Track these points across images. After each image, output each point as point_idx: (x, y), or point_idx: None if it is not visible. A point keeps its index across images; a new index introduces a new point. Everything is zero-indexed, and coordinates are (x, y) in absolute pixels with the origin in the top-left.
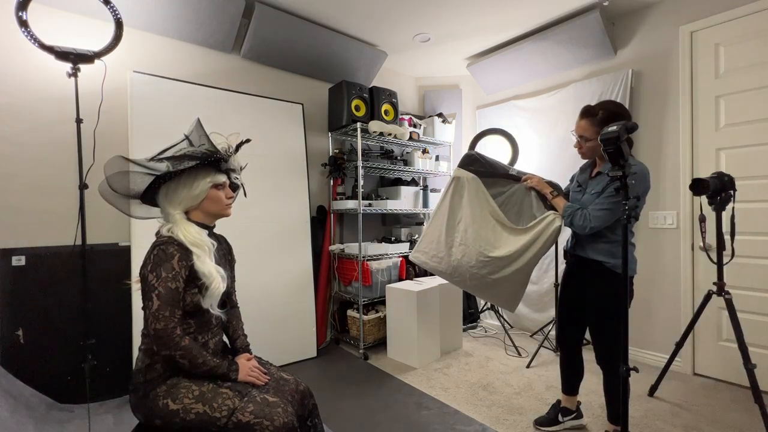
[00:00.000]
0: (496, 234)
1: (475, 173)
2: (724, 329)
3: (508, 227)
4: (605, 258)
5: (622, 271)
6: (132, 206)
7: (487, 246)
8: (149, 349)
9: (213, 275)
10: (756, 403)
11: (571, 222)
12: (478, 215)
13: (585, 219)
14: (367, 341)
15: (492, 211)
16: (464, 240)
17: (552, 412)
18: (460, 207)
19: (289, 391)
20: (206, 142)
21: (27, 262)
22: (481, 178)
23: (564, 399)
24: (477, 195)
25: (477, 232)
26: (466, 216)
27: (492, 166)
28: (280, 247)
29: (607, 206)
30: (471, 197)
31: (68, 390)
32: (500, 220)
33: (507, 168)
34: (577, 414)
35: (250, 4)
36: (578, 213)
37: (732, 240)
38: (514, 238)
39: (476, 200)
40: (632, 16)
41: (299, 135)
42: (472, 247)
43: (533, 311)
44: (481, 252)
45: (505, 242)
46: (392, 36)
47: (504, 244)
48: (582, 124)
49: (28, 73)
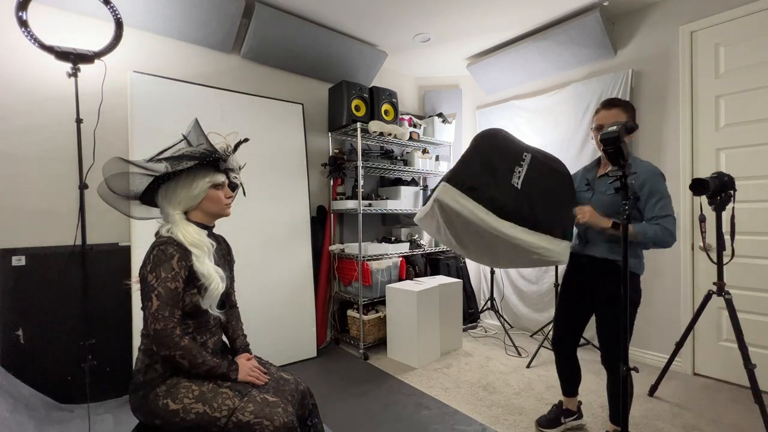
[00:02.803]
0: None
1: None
2: (724, 329)
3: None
4: (615, 256)
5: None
6: (131, 207)
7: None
8: (149, 350)
9: (212, 276)
10: (756, 403)
11: (654, 242)
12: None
13: (664, 231)
14: (367, 341)
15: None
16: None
17: (554, 414)
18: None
19: (289, 391)
20: (204, 141)
21: (27, 262)
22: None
23: (565, 401)
24: (469, 227)
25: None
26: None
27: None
28: (280, 247)
29: (669, 208)
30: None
31: (68, 390)
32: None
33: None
34: (578, 414)
35: (250, 4)
36: (654, 229)
37: (732, 240)
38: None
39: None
40: (632, 16)
41: (299, 135)
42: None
43: (533, 311)
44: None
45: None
46: (392, 36)
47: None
48: (614, 112)
49: (28, 73)
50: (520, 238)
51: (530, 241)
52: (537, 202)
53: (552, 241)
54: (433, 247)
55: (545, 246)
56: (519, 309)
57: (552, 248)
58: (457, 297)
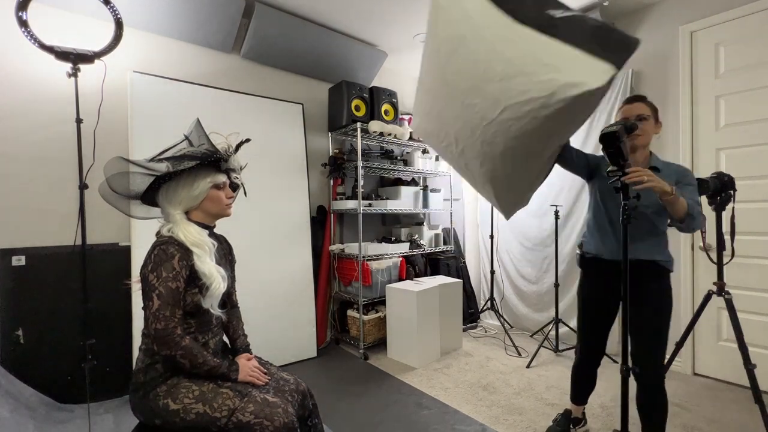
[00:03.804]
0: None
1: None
2: (724, 329)
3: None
4: (659, 256)
5: (623, 268)
6: (132, 207)
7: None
8: (149, 349)
9: (213, 275)
10: (756, 403)
11: (694, 217)
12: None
13: (700, 213)
14: (367, 341)
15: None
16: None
17: (563, 424)
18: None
19: (289, 391)
20: (206, 142)
21: (27, 262)
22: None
23: (574, 409)
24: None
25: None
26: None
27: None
28: (281, 247)
29: (699, 201)
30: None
31: (68, 390)
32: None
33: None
34: (584, 420)
35: (250, 4)
36: (697, 209)
37: (732, 240)
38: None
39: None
40: (632, 16)
41: (299, 135)
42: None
43: (533, 311)
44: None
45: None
46: (392, 36)
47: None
48: (640, 105)
49: (28, 73)
50: (537, 41)
51: (548, 50)
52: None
53: (585, 57)
54: (433, 248)
55: (572, 62)
56: (519, 309)
57: (581, 67)
58: (457, 297)
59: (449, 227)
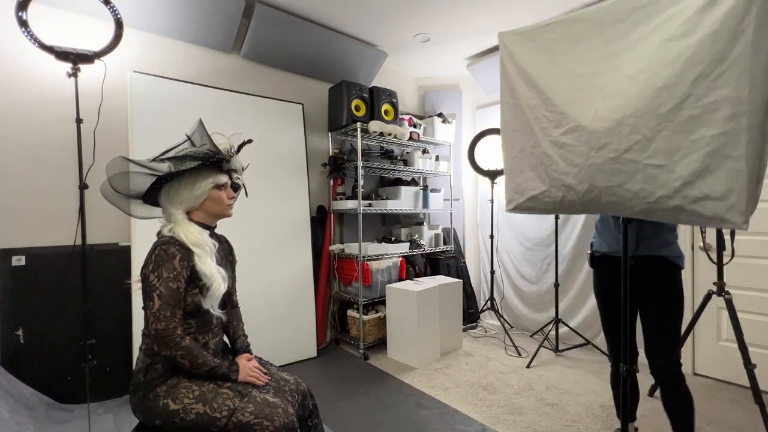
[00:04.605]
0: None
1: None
2: (724, 329)
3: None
4: (666, 252)
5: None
6: (133, 206)
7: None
8: (150, 349)
9: (214, 276)
10: (756, 403)
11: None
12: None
13: None
14: (367, 341)
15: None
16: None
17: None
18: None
19: (289, 392)
20: (208, 142)
21: (27, 262)
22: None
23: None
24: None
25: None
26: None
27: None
28: (281, 247)
29: None
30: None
31: (68, 390)
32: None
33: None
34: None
35: (250, 4)
36: None
37: (732, 240)
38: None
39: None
40: None
41: (299, 135)
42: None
43: (533, 311)
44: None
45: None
46: (392, 36)
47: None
48: None
49: (28, 73)
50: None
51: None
52: None
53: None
54: (433, 248)
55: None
56: (519, 309)
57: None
58: (457, 297)
59: (449, 227)
